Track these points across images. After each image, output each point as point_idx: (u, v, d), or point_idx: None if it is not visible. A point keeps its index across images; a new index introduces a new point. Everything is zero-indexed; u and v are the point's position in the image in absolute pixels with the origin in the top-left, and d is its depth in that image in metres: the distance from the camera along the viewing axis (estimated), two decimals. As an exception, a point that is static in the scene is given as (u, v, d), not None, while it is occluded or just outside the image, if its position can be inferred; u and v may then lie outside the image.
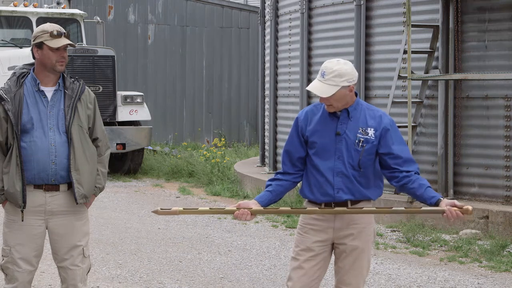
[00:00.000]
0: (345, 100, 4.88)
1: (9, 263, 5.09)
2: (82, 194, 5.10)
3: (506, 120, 10.44)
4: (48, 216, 5.10)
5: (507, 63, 10.45)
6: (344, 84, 4.82)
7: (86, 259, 5.22)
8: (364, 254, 5.01)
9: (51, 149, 5.02)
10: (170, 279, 7.80)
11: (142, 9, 21.55)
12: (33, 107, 5.04)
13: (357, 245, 4.98)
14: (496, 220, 9.84)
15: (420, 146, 11.26)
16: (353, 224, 4.97)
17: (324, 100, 4.88)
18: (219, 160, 15.31)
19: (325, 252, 5.03)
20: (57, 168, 5.04)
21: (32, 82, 5.09)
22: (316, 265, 5.01)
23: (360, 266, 5.02)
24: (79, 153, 5.07)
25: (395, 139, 4.93)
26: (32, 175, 5.02)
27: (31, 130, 5.01)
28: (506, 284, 7.84)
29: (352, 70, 4.88)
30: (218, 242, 9.64)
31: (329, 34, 12.81)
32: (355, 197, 4.94)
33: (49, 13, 16.28)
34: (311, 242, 5.00)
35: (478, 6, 10.66)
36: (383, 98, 11.56)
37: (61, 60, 5.05)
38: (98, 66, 15.58)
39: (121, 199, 13.08)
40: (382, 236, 10.06)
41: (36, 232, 5.10)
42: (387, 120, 4.97)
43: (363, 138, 4.89)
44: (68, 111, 5.06)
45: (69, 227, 5.14)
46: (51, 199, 5.08)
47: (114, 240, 9.60)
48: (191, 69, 21.96)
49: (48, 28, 5.04)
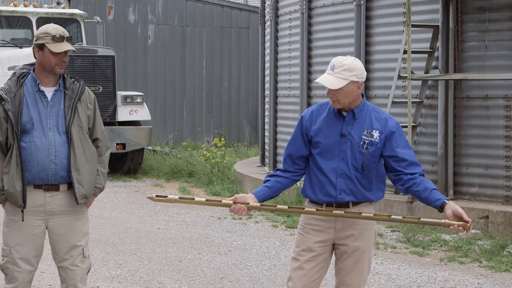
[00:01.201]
0: (352, 97, 4.86)
1: (9, 263, 5.08)
2: (83, 194, 5.10)
3: (506, 120, 10.44)
4: (48, 216, 5.10)
5: (507, 63, 10.45)
6: (353, 79, 4.82)
7: (86, 259, 5.21)
8: (365, 255, 5.00)
9: (51, 149, 5.02)
10: (170, 279, 7.80)
11: (142, 9, 21.55)
12: (33, 107, 5.04)
13: (358, 246, 4.97)
14: (496, 220, 9.84)
15: (420, 146, 11.26)
16: (355, 225, 4.96)
17: (331, 95, 4.84)
18: (219, 160, 15.31)
19: (326, 252, 5.02)
20: (57, 168, 5.03)
21: (32, 82, 5.09)
22: (317, 265, 5.00)
23: (361, 267, 5.00)
24: (79, 153, 5.07)
25: (400, 142, 4.91)
26: (32, 175, 5.02)
27: (31, 130, 5.01)
28: (506, 284, 7.84)
29: (361, 67, 4.90)
30: (218, 242, 9.64)
31: (329, 34, 12.81)
32: (357, 199, 4.93)
33: (49, 13, 16.28)
34: (312, 242, 4.99)
35: (478, 6, 10.67)
36: (383, 98, 11.57)
37: (61, 64, 5.04)
38: (98, 66, 15.58)
39: (121, 199, 13.08)
40: (382, 236, 10.06)
41: (36, 232, 5.09)
42: (393, 122, 4.95)
43: (368, 140, 4.87)
44: (68, 112, 5.05)
45: (69, 227, 5.13)
46: (51, 199, 5.08)
47: (114, 240, 9.60)
48: (191, 69, 21.96)
49: (51, 31, 5.02)
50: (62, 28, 5.10)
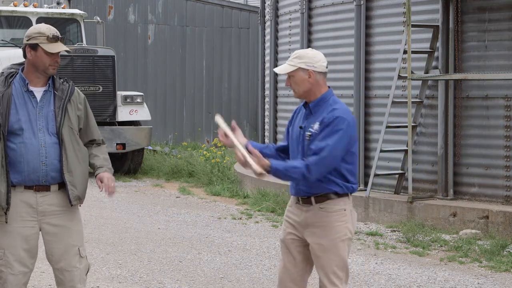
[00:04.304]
0: (305, 86, 4.93)
1: (3, 266, 4.98)
2: (76, 196, 5.04)
3: (506, 120, 10.44)
4: (41, 217, 5.02)
5: (507, 63, 10.45)
6: (302, 66, 4.90)
7: (83, 259, 5.13)
8: (329, 254, 4.96)
9: (41, 150, 4.95)
10: (170, 279, 7.80)
11: (142, 9, 21.54)
12: (21, 108, 4.97)
13: (321, 243, 4.97)
14: (496, 220, 9.84)
15: (420, 146, 11.26)
16: (318, 222, 4.98)
17: (287, 83, 4.99)
18: (219, 160, 15.31)
19: (300, 246, 5.08)
20: (48, 169, 4.97)
21: (20, 82, 5.01)
22: (294, 259, 5.10)
23: (328, 265, 4.97)
24: (71, 154, 5.00)
25: (324, 135, 4.84)
26: (23, 177, 4.95)
27: (20, 131, 4.94)
28: (506, 284, 7.84)
29: (315, 56, 4.94)
30: (218, 242, 9.64)
31: (329, 34, 12.80)
32: (313, 190, 4.96)
33: (49, 13, 16.28)
34: (285, 234, 5.16)
35: (478, 6, 10.66)
36: (383, 98, 11.57)
37: (54, 65, 4.99)
38: (98, 66, 15.57)
39: (121, 199, 13.08)
40: (382, 236, 10.06)
41: (29, 233, 5.01)
42: (333, 115, 4.88)
43: (311, 132, 4.93)
44: (59, 113, 4.99)
45: (62, 227, 5.06)
46: (42, 199, 5.00)
47: (114, 240, 9.60)
48: (191, 69, 21.96)
49: (45, 31, 4.96)
50: (54, 28, 5.06)
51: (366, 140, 11.94)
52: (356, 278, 7.93)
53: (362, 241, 9.78)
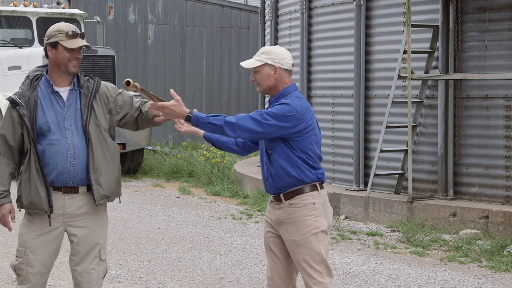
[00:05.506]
0: (270, 82, 4.96)
1: (23, 264, 5.00)
2: (102, 195, 5.03)
3: (506, 120, 10.44)
4: (67, 219, 5.01)
5: (507, 63, 10.45)
6: (269, 61, 4.94)
7: (103, 263, 5.12)
8: (302, 248, 4.97)
9: (69, 151, 4.93)
10: (170, 279, 7.80)
11: (142, 9, 21.55)
12: (48, 109, 4.95)
13: (293, 239, 4.99)
14: (496, 220, 9.84)
15: (420, 146, 11.26)
16: (288, 219, 5.00)
17: (253, 78, 5.02)
18: (219, 160, 15.31)
19: (280, 243, 5.09)
20: (76, 170, 4.95)
21: (46, 84, 5.00)
22: (275, 256, 5.10)
23: (303, 260, 4.98)
24: (97, 152, 4.97)
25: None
26: (51, 178, 4.93)
27: (48, 133, 4.92)
28: (506, 284, 7.84)
29: (282, 53, 4.98)
30: (218, 242, 9.64)
31: (329, 34, 12.80)
32: (276, 184, 4.99)
33: (49, 13, 16.28)
34: (265, 232, 5.18)
35: (478, 6, 10.66)
36: (383, 98, 11.57)
37: (75, 61, 4.97)
38: (98, 66, 15.57)
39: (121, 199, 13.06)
40: (382, 236, 10.06)
41: (53, 234, 5.02)
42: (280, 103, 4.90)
43: None
44: (85, 110, 4.96)
45: (87, 230, 5.06)
46: (69, 202, 4.99)
47: (114, 240, 9.60)
48: (191, 69, 21.97)
49: (64, 28, 4.96)
50: (74, 25, 5.05)
51: (366, 140, 11.94)
52: (356, 278, 7.94)
53: (362, 241, 9.78)
